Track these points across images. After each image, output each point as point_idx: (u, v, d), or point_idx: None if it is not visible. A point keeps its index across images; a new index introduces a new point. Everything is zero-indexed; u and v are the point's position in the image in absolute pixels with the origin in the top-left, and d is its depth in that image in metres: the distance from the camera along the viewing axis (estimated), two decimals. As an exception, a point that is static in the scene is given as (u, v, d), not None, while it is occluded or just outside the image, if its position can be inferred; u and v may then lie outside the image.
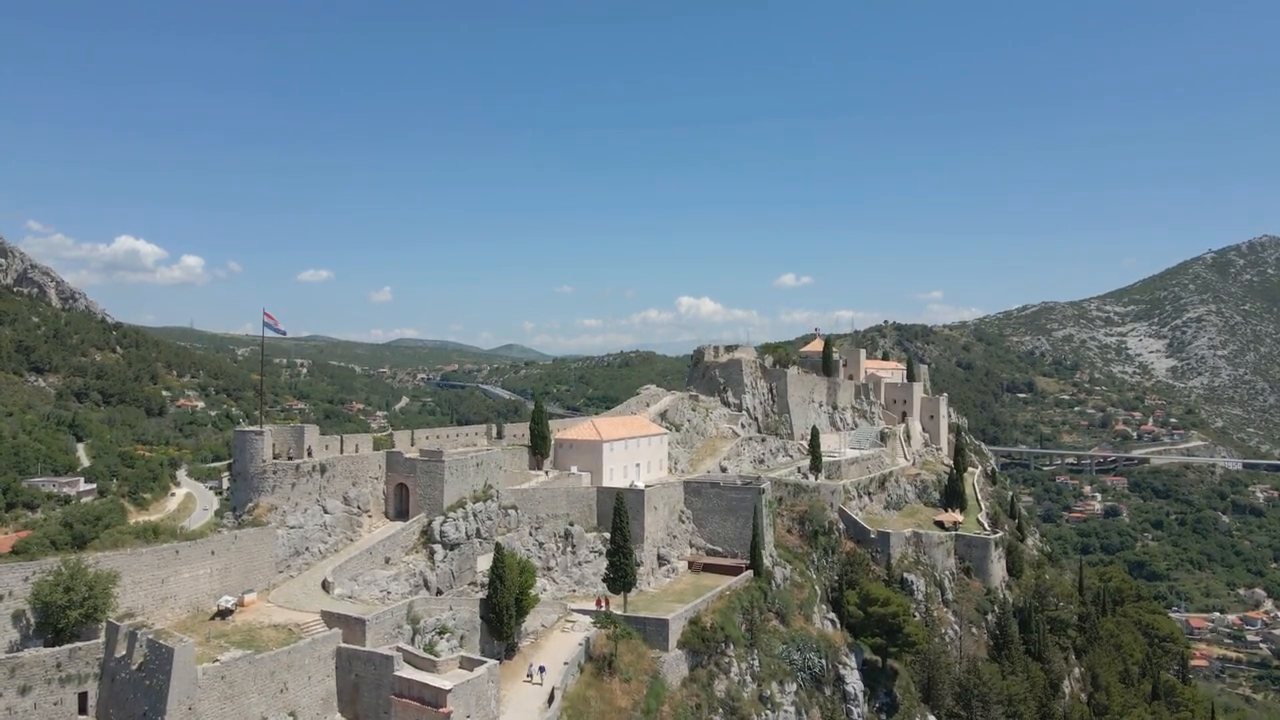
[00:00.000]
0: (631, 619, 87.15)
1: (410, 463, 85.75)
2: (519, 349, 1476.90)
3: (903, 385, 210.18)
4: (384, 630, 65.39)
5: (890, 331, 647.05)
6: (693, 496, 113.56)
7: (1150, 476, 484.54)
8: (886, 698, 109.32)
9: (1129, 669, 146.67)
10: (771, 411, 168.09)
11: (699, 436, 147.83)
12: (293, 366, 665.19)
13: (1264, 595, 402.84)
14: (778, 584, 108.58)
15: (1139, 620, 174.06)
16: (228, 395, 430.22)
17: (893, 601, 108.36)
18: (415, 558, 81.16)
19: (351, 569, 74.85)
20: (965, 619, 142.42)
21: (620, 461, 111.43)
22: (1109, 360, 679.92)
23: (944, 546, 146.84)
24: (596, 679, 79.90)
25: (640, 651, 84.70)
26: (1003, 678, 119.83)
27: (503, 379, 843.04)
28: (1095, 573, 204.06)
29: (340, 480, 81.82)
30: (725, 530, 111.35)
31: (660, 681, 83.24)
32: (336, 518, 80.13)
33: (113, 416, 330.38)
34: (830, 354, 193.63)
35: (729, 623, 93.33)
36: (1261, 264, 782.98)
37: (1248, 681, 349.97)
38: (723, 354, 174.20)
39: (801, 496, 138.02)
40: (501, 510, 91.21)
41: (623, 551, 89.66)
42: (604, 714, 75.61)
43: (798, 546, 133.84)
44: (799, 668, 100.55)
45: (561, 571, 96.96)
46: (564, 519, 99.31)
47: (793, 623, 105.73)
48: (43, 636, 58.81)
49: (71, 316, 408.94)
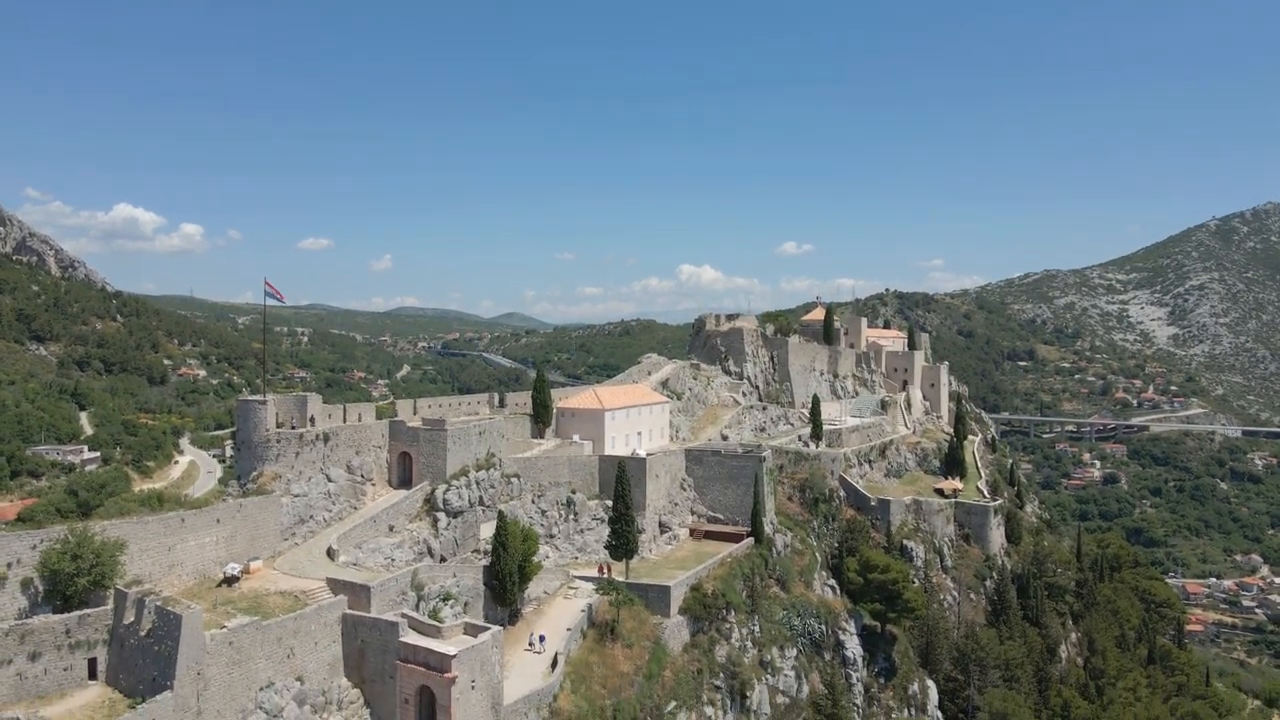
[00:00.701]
0: (634, 586, 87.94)
1: (413, 431, 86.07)
2: (519, 317, 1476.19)
3: (904, 354, 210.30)
4: (388, 597, 66.02)
5: (891, 300, 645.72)
6: (694, 465, 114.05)
7: (1149, 444, 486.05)
8: (885, 662, 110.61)
9: (1125, 634, 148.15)
10: (772, 380, 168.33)
11: (700, 405, 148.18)
12: (293, 335, 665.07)
13: (1260, 561, 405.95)
14: (778, 551, 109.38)
15: (1136, 586, 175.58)
16: (229, 364, 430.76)
17: (892, 568, 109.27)
18: (419, 525, 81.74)
19: (356, 537, 75.43)
20: (964, 585, 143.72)
21: (622, 430, 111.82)
22: (1110, 328, 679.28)
23: (944, 514, 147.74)
24: (599, 645, 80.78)
25: (642, 618, 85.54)
26: (1000, 643, 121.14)
27: (504, 347, 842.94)
28: (1093, 539, 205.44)
29: (343, 449, 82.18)
30: (727, 498, 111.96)
31: (662, 647, 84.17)
32: (340, 486, 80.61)
33: (115, 385, 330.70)
34: (831, 323, 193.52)
35: (730, 589, 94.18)
36: (1265, 231, 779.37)
37: (1242, 646, 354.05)
38: (724, 323, 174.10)
39: (802, 464, 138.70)
40: (504, 478, 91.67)
41: (624, 519, 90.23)
42: (606, 678, 76.51)
43: (798, 514, 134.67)
44: (799, 633, 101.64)
45: (564, 539, 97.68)
46: (566, 487, 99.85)
47: (793, 589, 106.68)
48: (51, 604, 59.39)
49: (71, 285, 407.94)
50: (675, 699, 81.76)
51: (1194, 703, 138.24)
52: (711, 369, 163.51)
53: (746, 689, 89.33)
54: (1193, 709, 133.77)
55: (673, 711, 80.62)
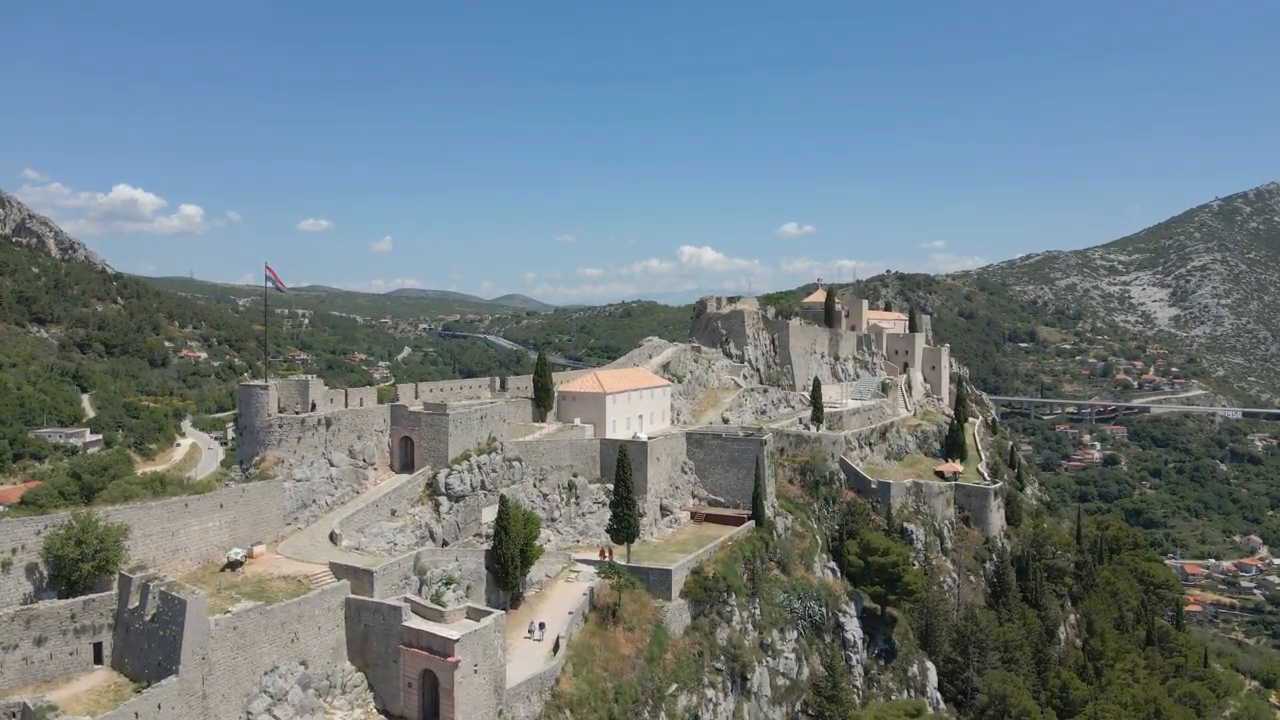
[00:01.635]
0: (635, 569, 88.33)
1: (415, 416, 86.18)
2: (520, 299, 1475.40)
3: (904, 336, 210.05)
4: (391, 581, 66.38)
5: (892, 281, 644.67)
6: (695, 448, 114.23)
7: (1150, 425, 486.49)
8: (885, 644, 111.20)
9: (1124, 615, 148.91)
10: (774, 363, 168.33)
11: (701, 388, 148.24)
12: (294, 317, 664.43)
13: (1259, 542, 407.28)
14: (779, 534, 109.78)
15: (1135, 568, 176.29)
16: (230, 346, 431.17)
17: (892, 551, 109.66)
18: (421, 510, 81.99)
19: (358, 521, 75.70)
20: (964, 567, 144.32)
21: (623, 413, 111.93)
22: (1112, 309, 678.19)
23: (944, 496, 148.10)
24: (601, 628, 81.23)
25: (644, 601, 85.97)
26: (999, 624, 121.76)
27: (504, 329, 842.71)
28: (1093, 521, 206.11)
29: (345, 434, 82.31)
30: (728, 481, 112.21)
31: (663, 630, 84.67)
32: (343, 470, 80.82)
33: (116, 368, 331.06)
34: (833, 305, 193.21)
35: (731, 572, 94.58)
36: (1268, 211, 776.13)
37: (1240, 627, 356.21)
38: (725, 305, 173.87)
39: (803, 447, 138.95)
40: (506, 462, 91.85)
41: (625, 502, 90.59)
42: (608, 661, 77.03)
43: (799, 497, 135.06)
44: (800, 616, 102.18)
45: (565, 522, 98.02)
46: (567, 470, 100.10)
47: (794, 572, 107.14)
48: (56, 589, 59.74)
49: (71, 267, 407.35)
50: (677, 681, 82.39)
51: (1191, 683, 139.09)
52: (713, 352, 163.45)
53: (747, 671, 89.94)
54: (1190, 689, 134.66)
55: (674, 694, 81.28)
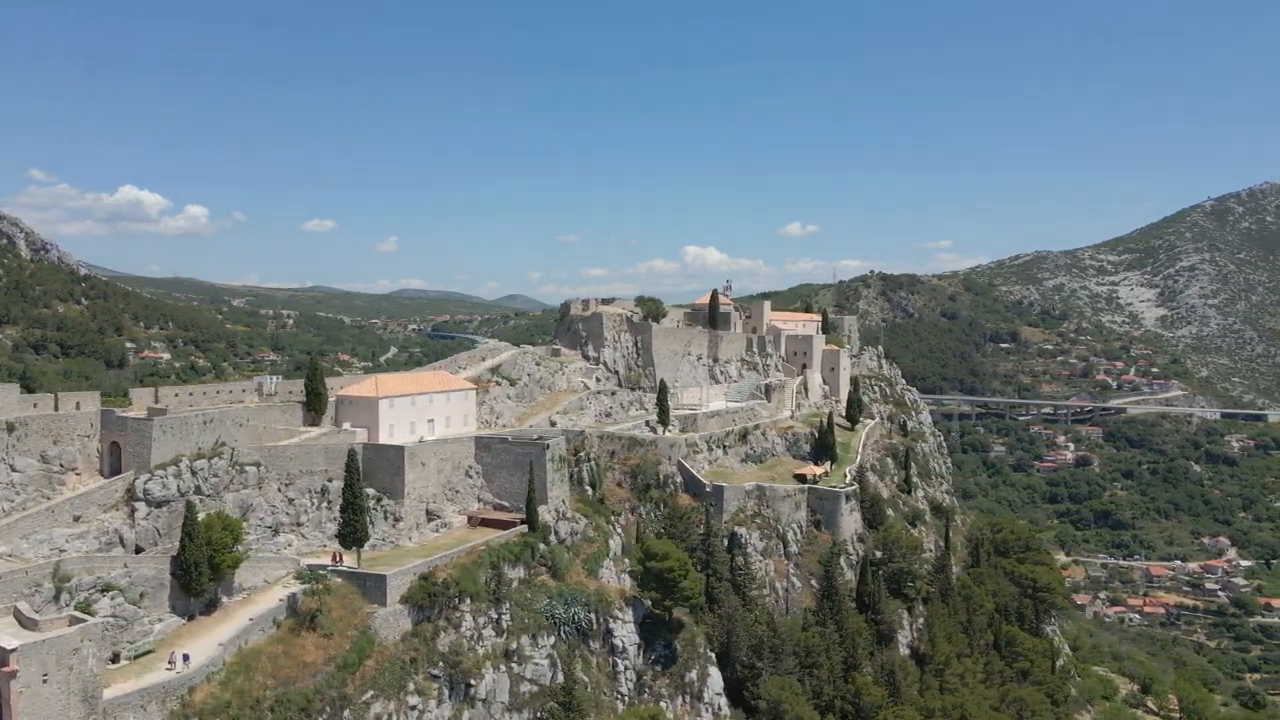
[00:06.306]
0: (352, 575, 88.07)
1: (122, 421, 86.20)
2: (523, 299, 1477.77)
3: (802, 338, 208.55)
4: (13, 587, 66.28)
5: (875, 282, 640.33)
6: (483, 452, 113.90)
7: (1125, 426, 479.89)
8: (666, 650, 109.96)
9: (973, 619, 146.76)
10: (635, 365, 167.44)
11: (542, 390, 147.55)
12: (279, 318, 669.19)
13: (1228, 544, 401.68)
14: (560, 538, 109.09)
15: (1012, 571, 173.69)
16: (195, 347, 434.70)
17: (671, 556, 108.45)
18: (113, 515, 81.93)
19: (24, 528, 75.69)
20: (807, 571, 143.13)
21: (405, 417, 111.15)
22: (1099, 309, 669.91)
23: (792, 499, 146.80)
24: (292, 634, 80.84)
25: (354, 607, 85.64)
26: (802, 630, 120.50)
27: (493, 329, 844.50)
28: (987, 523, 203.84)
29: (36, 438, 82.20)
30: (512, 485, 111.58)
31: (369, 636, 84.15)
32: (29, 476, 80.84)
33: (70, 368, 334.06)
34: (717, 307, 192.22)
35: (468, 578, 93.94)
36: (1261, 211, 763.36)
37: (1203, 629, 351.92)
38: (594, 306, 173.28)
39: (636, 450, 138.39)
40: (235, 467, 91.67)
41: (353, 507, 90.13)
42: (279, 669, 76.42)
43: (627, 500, 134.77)
44: (562, 621, 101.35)
45: (314, 527, 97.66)
46: (322, 475, 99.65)
47: (569, 577, 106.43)
48: None
49: (40, 268, 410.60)
50: (374, 688, 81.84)
51: (1029, 689, 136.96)
52: (572, 354, 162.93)
53: (471, 678, 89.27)
54: (1021, 694, 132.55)
55: (367, 701, 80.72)
